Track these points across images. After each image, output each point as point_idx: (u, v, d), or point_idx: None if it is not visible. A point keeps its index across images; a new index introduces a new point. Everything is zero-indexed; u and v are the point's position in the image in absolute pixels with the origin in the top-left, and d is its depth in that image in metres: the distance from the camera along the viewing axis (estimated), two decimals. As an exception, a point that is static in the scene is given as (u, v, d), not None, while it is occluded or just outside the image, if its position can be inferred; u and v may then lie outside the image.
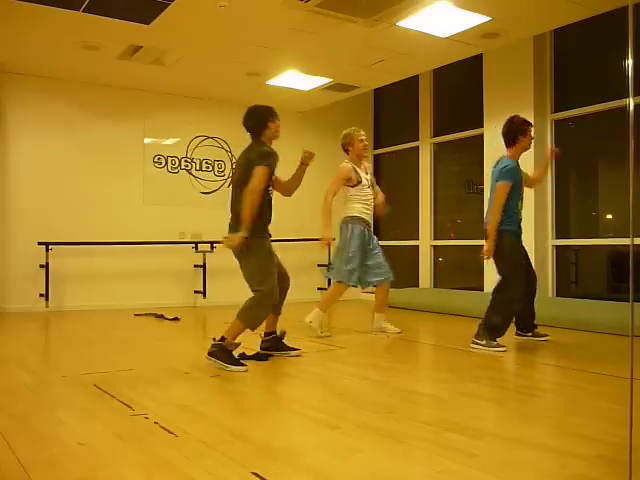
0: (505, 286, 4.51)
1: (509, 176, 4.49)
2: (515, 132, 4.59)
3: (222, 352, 3.83)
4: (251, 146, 4.09)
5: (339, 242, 5.34)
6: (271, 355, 4.19)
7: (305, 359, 4.20)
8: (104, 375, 3.65)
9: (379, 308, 5.52)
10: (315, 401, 3.13)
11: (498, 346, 4.40)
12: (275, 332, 4.29)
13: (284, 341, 4.32)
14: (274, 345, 4.26)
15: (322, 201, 5.21)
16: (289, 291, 4.28)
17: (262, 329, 4.22)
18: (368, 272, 5.32)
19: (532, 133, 4.66)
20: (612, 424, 2.58)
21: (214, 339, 3.92)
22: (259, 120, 4.04)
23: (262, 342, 4.28)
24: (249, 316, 3.88)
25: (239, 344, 3.90)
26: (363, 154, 5.37)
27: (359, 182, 5.27)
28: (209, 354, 3.87)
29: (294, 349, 4.29)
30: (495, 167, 4.64)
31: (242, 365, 3.81)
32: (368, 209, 5.33)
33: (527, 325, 4.86)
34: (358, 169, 5.31)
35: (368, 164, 5.57)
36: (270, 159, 3.95)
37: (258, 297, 3.90)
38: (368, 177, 5.39)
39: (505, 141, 4.65)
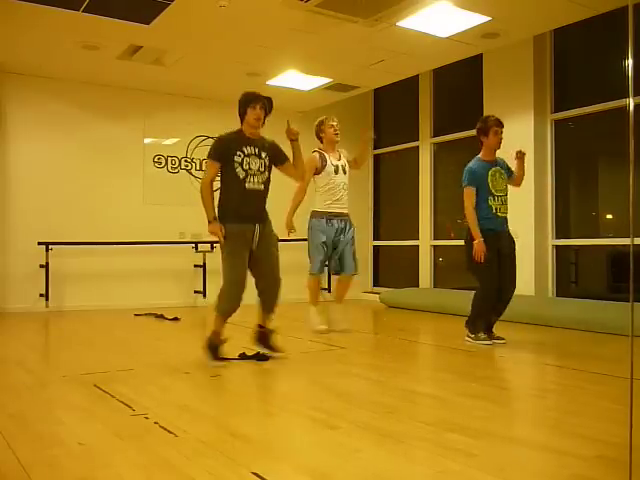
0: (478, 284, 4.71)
1: (470, 179, 4.60)
2: (478, 132, 4.72)
3: (208, 347, 3.89)
4: None
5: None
6: (271, 355, 4.18)
7: (305, 359, 4.20)
8: (104, 375, 3.65)
9: (338, 299, 5.54)
10: (315, 401, 3.12)
11: (486, 339, 4.60)
12: (264, 326, 4.15)
13: (273, 340, 4.16)
14: (260, 338, 4.14)
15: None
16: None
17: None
18: (336, 261, 5.39)
19: (500, 134, 4.63)
20: (612, 424, 2.58)
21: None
22: (239, 106, 4.01)
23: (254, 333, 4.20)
24: (217, 307, 3.95)
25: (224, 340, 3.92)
26: (334, 139, 5.35)
27: (323, 168, 5.25)
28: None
29: (276, 350, 4.11)
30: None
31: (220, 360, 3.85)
32: (335, 199, 5.28)
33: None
34: (328, 155, 5.31)
35: (344, 150, 5.53)
36: (212, 150, 3.96)
37: (221, 289, 3.94)
38: (340, 163, 5.35)
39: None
